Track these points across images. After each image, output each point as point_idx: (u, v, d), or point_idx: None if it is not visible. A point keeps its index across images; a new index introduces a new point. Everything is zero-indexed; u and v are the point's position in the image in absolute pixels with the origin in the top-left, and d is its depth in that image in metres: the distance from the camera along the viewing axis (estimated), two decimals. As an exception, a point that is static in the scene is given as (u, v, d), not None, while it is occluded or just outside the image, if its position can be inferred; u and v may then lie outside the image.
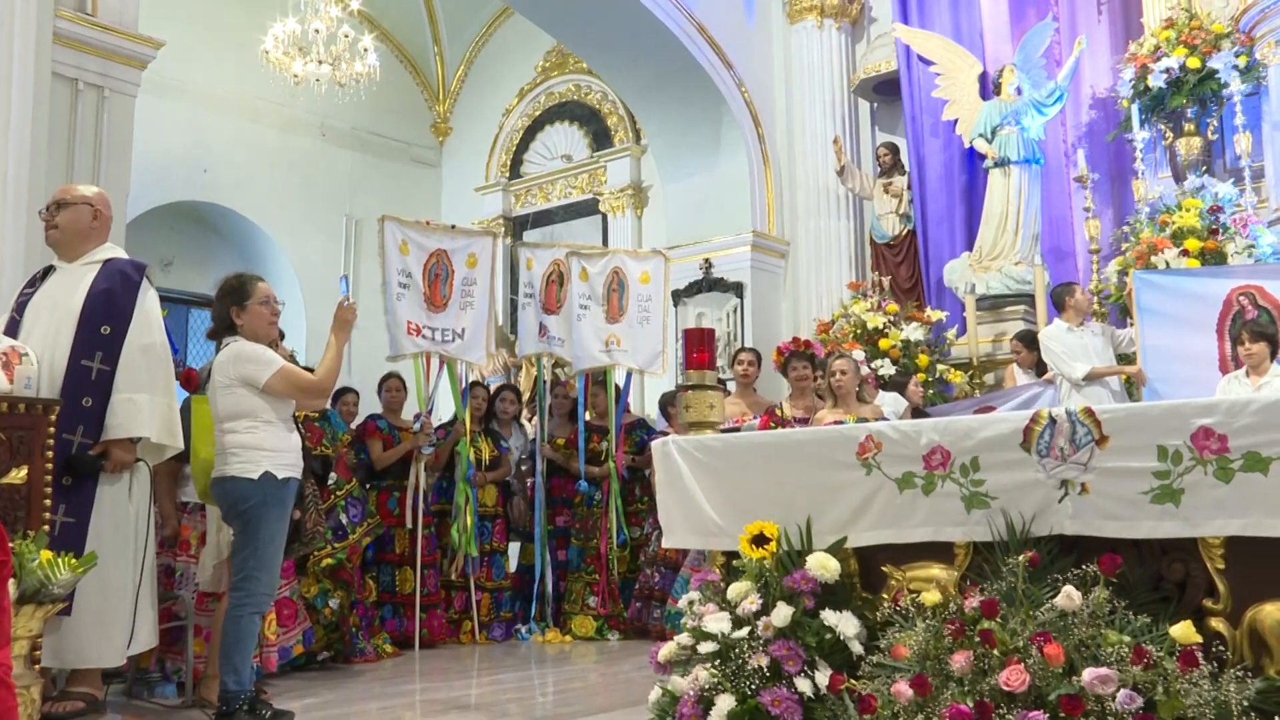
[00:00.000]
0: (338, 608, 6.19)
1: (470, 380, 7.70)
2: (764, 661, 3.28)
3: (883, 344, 8.63)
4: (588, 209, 13.14)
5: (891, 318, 8.91)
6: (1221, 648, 2.88)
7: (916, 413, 6.91)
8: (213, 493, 4.46)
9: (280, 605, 5.61)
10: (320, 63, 10.77)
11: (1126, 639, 2.84)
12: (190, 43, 11.41)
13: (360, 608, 6.51)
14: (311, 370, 4.75)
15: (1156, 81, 8.46)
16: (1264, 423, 2.89)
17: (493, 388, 8.25)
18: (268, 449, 4.34)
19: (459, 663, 6.44)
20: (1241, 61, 8.21)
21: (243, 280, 4.55)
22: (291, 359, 5.06)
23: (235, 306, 4.47)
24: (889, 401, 7.40)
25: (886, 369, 8.45)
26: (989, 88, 9.58)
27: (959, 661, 2.94)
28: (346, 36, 10.81)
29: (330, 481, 6.23)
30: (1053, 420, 3.18)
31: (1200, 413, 3.01)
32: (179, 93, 11.65)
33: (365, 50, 11.06)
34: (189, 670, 4.84)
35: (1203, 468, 2.98)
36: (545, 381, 8.01)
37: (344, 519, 6.35)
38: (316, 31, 10.61)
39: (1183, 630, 2.84)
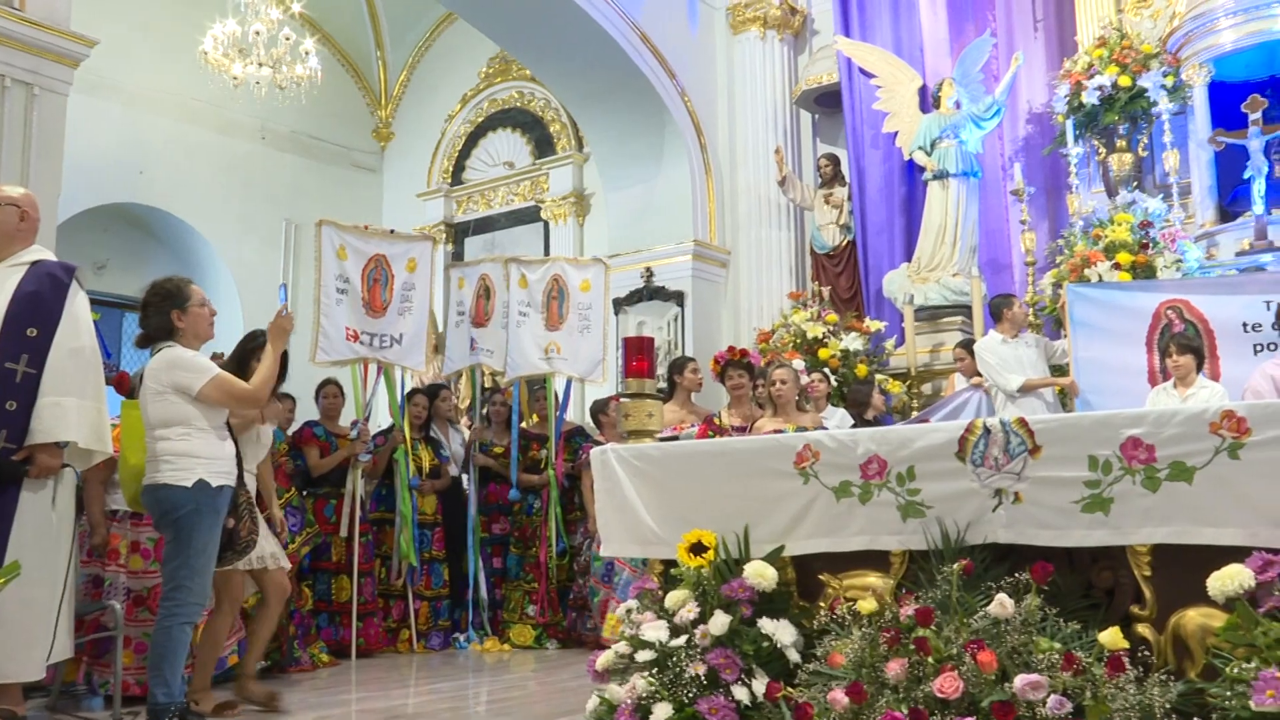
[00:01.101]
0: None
1: (410, 387, 7.65)
2: (701, 670, 3.28)
3: (822, 354, 8.69)
4: (530, 216, 13.11)
5: (831, 328, 8.98)
6: (1147, 653, 2.93)
7: (876, 421, 6.96)
8: (144, 500, 4.38)
9: (215, 615, 5.52)
10: (260, 65, 10.64)
11: (1057, 646, 2.88)
12: (127, 41, 11.23)
13: (296, 616, 6.43)
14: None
15: (1090, 98, 8.63)
16: (1189, 433, 2.95)
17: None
18: (202, 456, 4.28)
19: (396, 672, 6.38)
20: (1169, 81, 8.41)
21: (178, 283, 4.49)
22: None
23: (177, 310, 4.41)
24: (837, 418, 7.44)
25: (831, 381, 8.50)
26: (928, 101, 9.71)
27: (894, 669, 2.96)
28: (288, 39, 10.70)
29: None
30: (987, 430, 3.22)
31: (1129, 423, 3.06)
32: (115, 92, 11.46)
33: (307, 53, 10.94)
34: (117, 683, 4.74)
35: (1131, 477, 3.03)
36: (484, 388, 7.97)
37: None
38: (257, 33, 10.49)
39: (1110, 636, 2.89)
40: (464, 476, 7.81)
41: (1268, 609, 2.68)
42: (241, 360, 4.90)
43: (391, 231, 7.63)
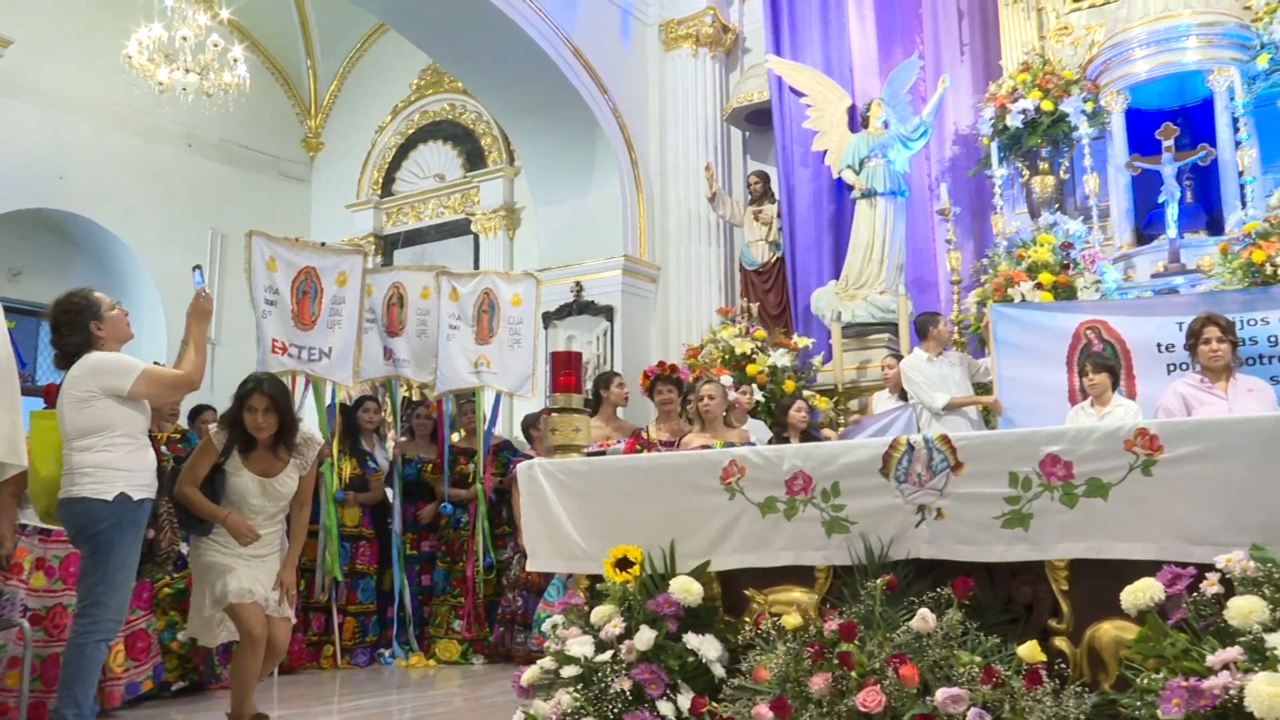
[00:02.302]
0: (187, 640, 5.98)
1: (338, 401, 7.56)
2: (626, 685, 3.28)
3: (750, 369, 8.74)
4: (460, 229, 13.05)
5: (759, 343, 9.03)
6: (1063, 665, 2.99)
7: (804, 436, 6.99)
8: (59, 515, 4.26)
9: (135, 638, 5.41)
10: (187, 71, 10.49)
11: (977, 659, 2.93)
12: (46, 42, 11.01)
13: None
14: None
15: (1014, 121, 8.81)
16: (1105, 450, 3.02)
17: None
18: (123, 469, 4.18)
19: (319, 688, 6.30)
20: (1089, 107, 8.62)
21: (85, 294, 4.41)
22: None
23: (94, 320, 4.32)
24: (756, 429, 7.49)
25: (756, 394, 8.55)
26: (857, 121, 9.84)
27: (818, 683, 2.98)
28: (216, 46, 10.55)
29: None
30: (911, 447, 3.26)
31: (1048, 440, 3.12)
32: (32, 94, 11.21)
33: (235, 60, 10.80)
34: (24, 703, 4.61)
35: (1050, 493, 3.09)
36: (408, 401, 7.91)
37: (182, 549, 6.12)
38: (184, 39, 10.33)
39: (1029, 650, 2.94)
40: (388, 490, 7.74)
41: (1176, 621, 2.75)
42: (238, 407, 4.60)
43: (323, 244, 7.54)
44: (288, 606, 4.71)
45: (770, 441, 6.92)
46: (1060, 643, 3.08)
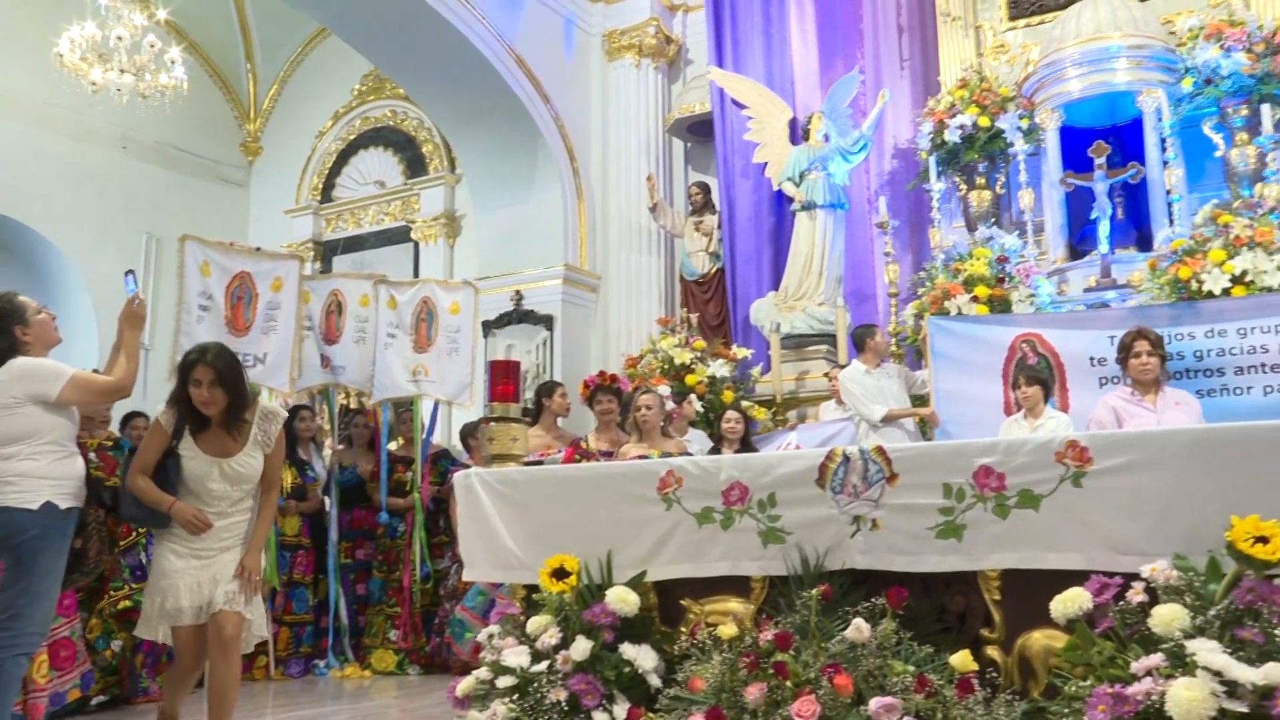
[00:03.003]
0: (120, 650, 5.87)
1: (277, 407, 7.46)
2: (562, 696, 3.27)
3: (689, 380, 8.76)
4: (400, 236, 12.96)
5: (699, 354, 9.05)
6: (995, 674, 3.03)
7: (744, 445, 7.00)
8: (-20, 524, 4.13)
9: (58, 646, 5.27)
10: (122, 72, 10.30)
11: (911, 669, 2.96)
12: (-29, 40, 10.77)
13: (147, 644, 6.18)
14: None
15: (952, 136, 8.93)
16: (1036, 462, 3.07)
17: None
18: (50, 477, 4.08)
19: (251, 700, 6.20)
20: (1024, 124, 8.76)
21: (9, 299, 4.29)
22: None
23: (20, 325, 4.23)
24: (697, 439, 7.51)
25: (695, 405, 8.57)
26: (798, 133, 9.91)
27: (753, 693, 3.00)
28: (152, 46, 10.37)
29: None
30: (846, 458, 3.29)
31: (982, 452, 3.17)
32: (-43, 93, 10.97)
33: (172, 62, 10.63)
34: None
35: (983, 504, 3.13)
36: (346, 409, 7.84)
37: (144, 558, 6.00)
38: (119, 39, 10.14)
39: (961, 659, 2.98)
40: (325, 499, 7.66)
41: (1103, 629, 2.80)
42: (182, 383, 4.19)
43: (258, 249, 7.45)
44: (243, 599, 4.15)
45: (711, 452, 6.94)
46: (992, 652, 3.12)
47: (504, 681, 3.39)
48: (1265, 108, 7.92)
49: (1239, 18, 8.27)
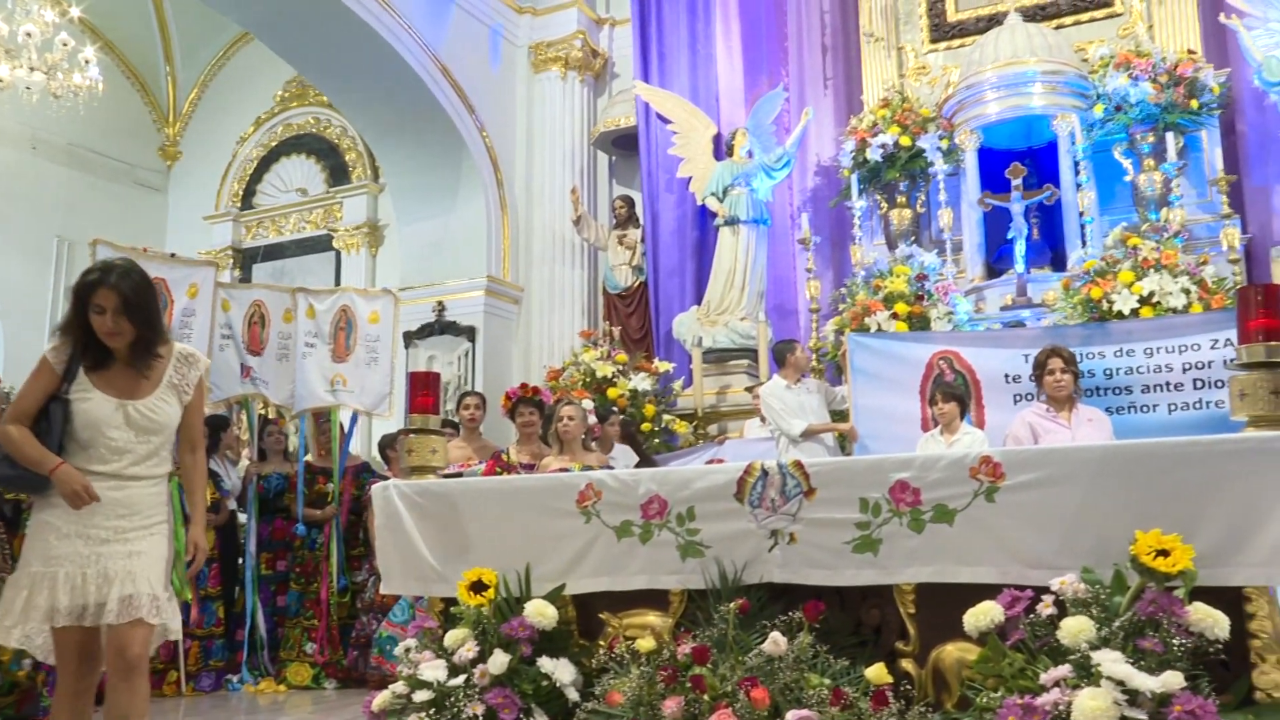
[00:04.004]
0: (30, 667, 5.69)
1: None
2: (480, 710, 3.25)
3: (611, 393, 8.76)
4: (321, 245, 12.81)
5: (621, 367, 9.06)
6: (909, 686, 3.07)
7: (644, 461, 7.01)
8: None
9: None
10: (32, 69, 10.03)
11: (827, 681, 2.98)
12: None
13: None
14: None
15: (873, 155, 9.07)
16: (951, 477, 3.12)
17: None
18: None
19: (160, 717, 6.05)
20: (944, 144, 8.93)
21: None
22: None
23: None
24: (622, 453, 7.48)
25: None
26: (722, 149, 9.98)
27: (670, 707, 3.00)
28: (65, 45, 10.12)
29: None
30: (765, 472, 3.31)
31: (898, 467, 3.21)
32: None
33: (86, 62, 10.37)
34: None
35: (899, 519, 3.17)
36: (264, 419, 7.71)
37: None
38: (28, 35, 9.88)
39: (876, 672, 3.01)
40: (240, 513, 7.52)
41: (1014, 641, 2.85)
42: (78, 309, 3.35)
43: (172, 255, 7.31)
44: (161, 604, 3.36)
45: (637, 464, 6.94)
46: (907, 664, 3.16)
47: (420, 696, 3.35)
48: (1170, 135, 8.19)
49: (1145, 49, 8.55)
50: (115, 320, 3.29)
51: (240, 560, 7.47)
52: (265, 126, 13.66)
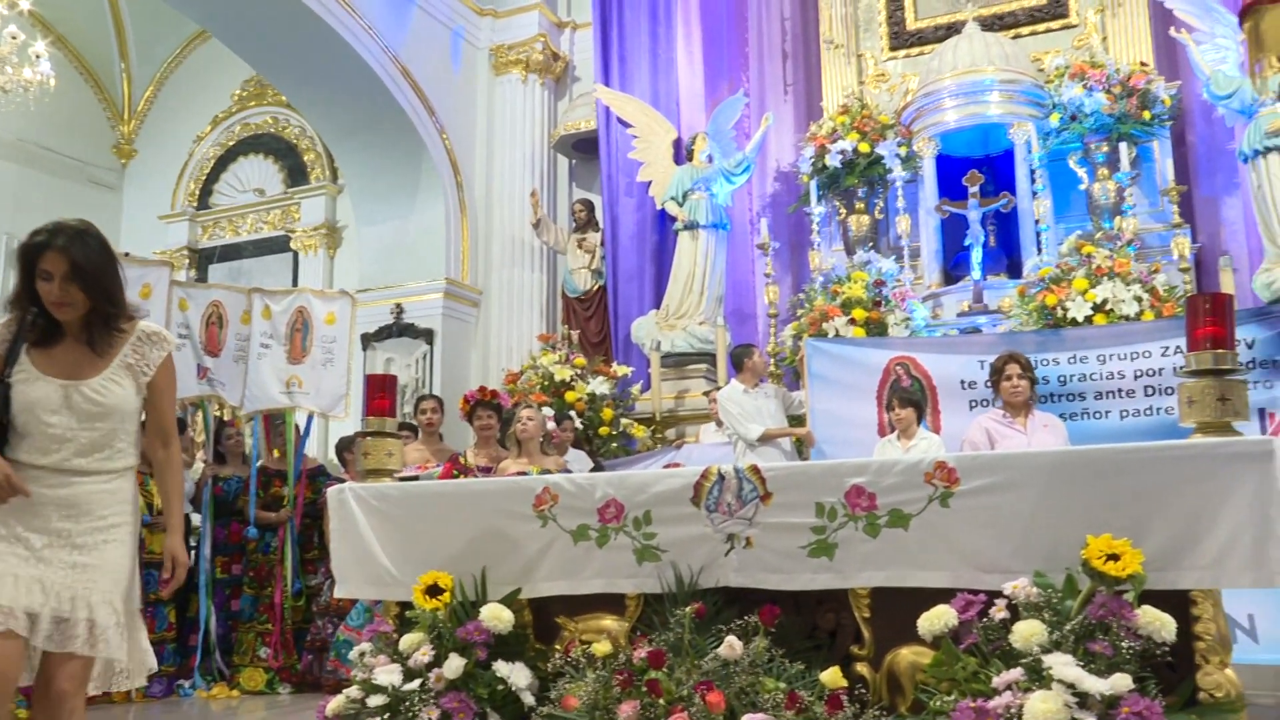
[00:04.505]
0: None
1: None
2: (435, 715, 3.24)
3: (569, 396, 8.75)
4: (279, 245, 12.70)
5: (579, 371, 9.05)
6: (864, 690, 3.09)
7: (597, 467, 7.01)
8: None
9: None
10: (-19, 63, 9.88)
11: (782, 685, 2.99)
12: None
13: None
14: None
15: (833, 161, 9.13)
16: (906, 482, 3.14)
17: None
18: None
19: (109, 723, 5.98)
20: (903, 151, 8.99)
21: None
22: None
23: None
24: (578, 458, 7.48)
25: (575, 422, 8.56)
26: (682, 154, 10.00)
27: (626, 711, 3.00)
28: (15, 39, 9.95)
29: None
30: (721, 477, 3.32)
31: (854, 472, 3.23)
32: None
33: (37, 56, 10.20)
34: None
35: (854, 523, 3.19)
36: (220, 421, 7.63)
37: None
38: (-25, 28, 9.73)
39: (831, 676, 3.03)
40: (194, 515, 7.43)
41: (967, 645, 2.87)
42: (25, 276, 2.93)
43: (126, 255, 7.21)
44: (110, 634, 2.84)
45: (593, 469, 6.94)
46: (862, 668, 3.18)
47: (375, 700, 3.34)
48: (1123, 146, 8.31)
49: (1099, 60, 8.67)
50: (64, 288, 2.85)
51: (194, 564, 7.39)
52: (223, 125, 13.52)
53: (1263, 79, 7.54)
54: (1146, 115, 8.46)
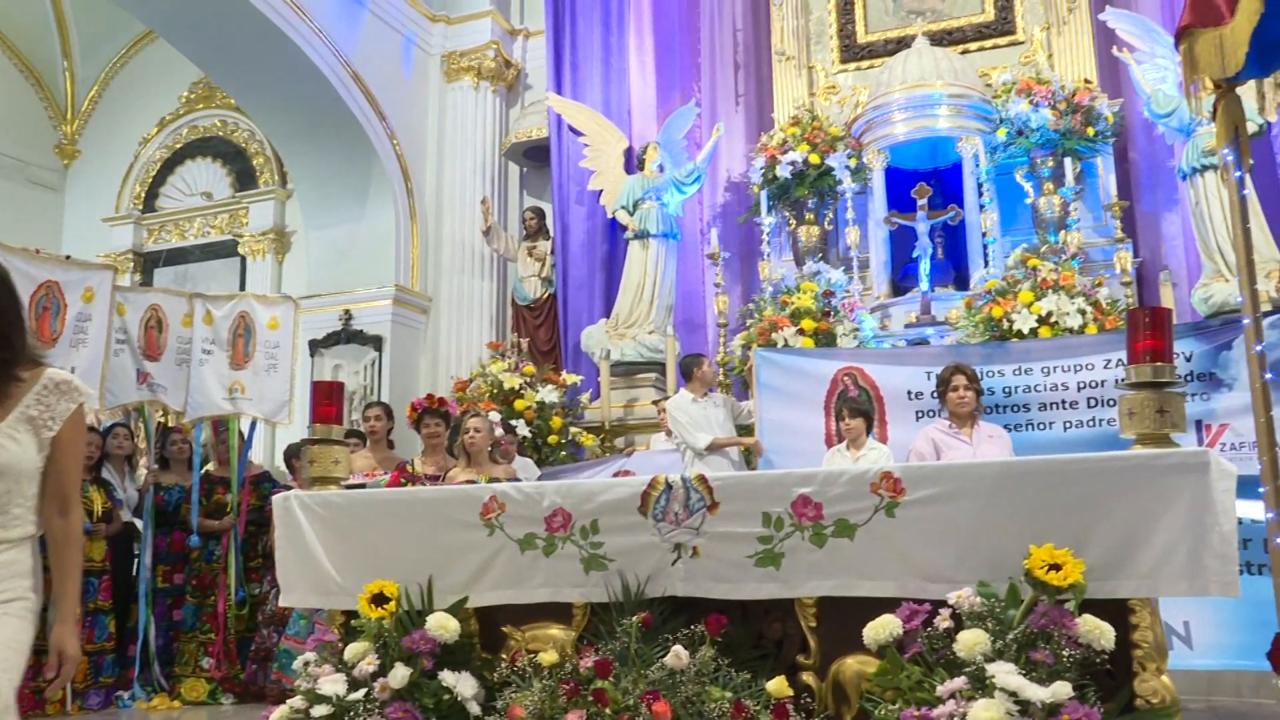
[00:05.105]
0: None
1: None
2: (379, 724, 3.21)
3: (518, 405, 8.71)
4: (226, 250, 12.56)
5: (528, 379, 9.03)
6: (809, 699, 3.10)
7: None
8: None
9: None
10: (-82, 62, 9.68)
11: (728, 695, 3.00)
12: None
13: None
14: None
15: (783, 172, 9.18)
16: (852, 492, 3.16)
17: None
18: None
19: (45, 736, 5.87)
20: (852, 163, 9.07)
21: None
22: None
23: None
24: (523, 466, 7.45)
25: (523, 429, 8.53)
26: (633, 163, 10.01)
27: (572, 720, 2.99)
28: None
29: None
30: (669, 486, 3.33)
31: (800, 482, 3.24)
32: None
33: (-25, 54, 10.04)
34: None
35: (801, 533, 3.21)
36: (163, 427, 7.52)
37: None
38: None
39: (777, 685, 3.04)
40: (136, 522, 7.32)
41: (912, 654, 2.90)
42: None
43: (67, 257, 7.09)
44: None
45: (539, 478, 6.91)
46: (808, 677, 3.19)
47: (319, 710, 3.30)
48: (1068, 161, 8.46)
49: (1045, 76, 8.81)
50: None
51: (135, 573, 7.28)
52: (170, 128, 13.35)
53: (1198, 100, 7.69)
54: (1090, 131, 8.61)
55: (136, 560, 7.21)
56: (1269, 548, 3.34)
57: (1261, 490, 3.33)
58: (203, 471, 7.43)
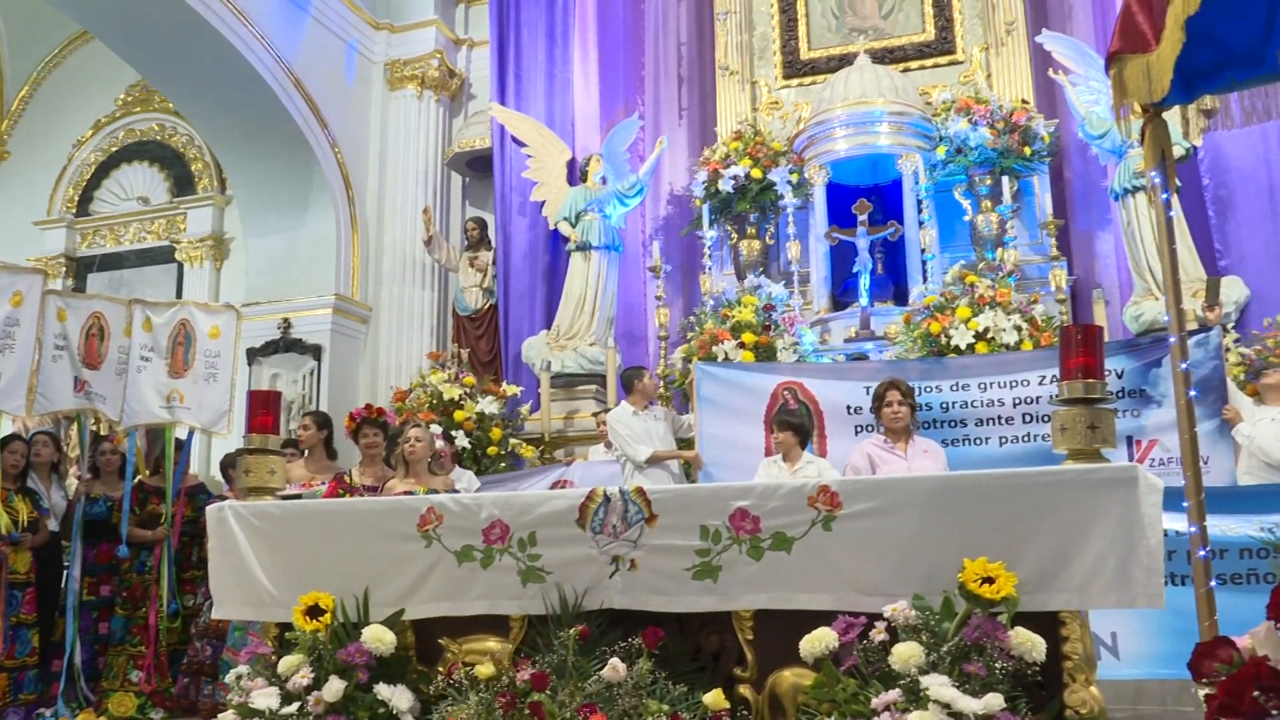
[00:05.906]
0: None
1: (8, 433, 6.96)
2: (312, 739, 3.17)
3: (458, 415, 8.66)
4: (163, 256, 12.37)
5: (468, 390, 8.98)
6: (746, 712, 3.12)
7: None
8: None
9: None
10: None
11: (665, 708, 3.01)
12: None
13: None
14: None
15: (725, 186, 9.24)
16: (790, 506, 3.19)
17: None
18: None
19: (-35, 752, 5.72)
20: (794, 178, 9.15)
21: None
22: None
23: None
24: (464, 478, 7.41)
25: (462, 440, 8.49)
26: (576, 174, 10.02)
27: (508, 734, 2.98)
28: None
29: None
30: (607, 499, 3.33)
31: (738, 495, 3.26)
32: None
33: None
34: None
35: (738, 546, 3.22)
36: (96, 435, 7.38)
37: None
38: None
39: (713, 698, 3.05)
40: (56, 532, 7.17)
41: (848, 667, 2.92)
42: None
43: (-4, 261, 6.95)
44: None
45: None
46: (744, 690, 3.20)
47: (250, 725, 3.26)
48: (1005, 179, 8.60)
49: (984, 96, 8.96)
50: None
51: (62, 585, 7.12)
52: (105, 131, 13.13)
53: (1127, 123, 7.86)
54: (1027, 151, 8.77)
55: (64, 572, 7.06)
56: (1191, 560, 3.41)
57: (1185, 504, 3.40)
58: (136, 481, 7.29)
